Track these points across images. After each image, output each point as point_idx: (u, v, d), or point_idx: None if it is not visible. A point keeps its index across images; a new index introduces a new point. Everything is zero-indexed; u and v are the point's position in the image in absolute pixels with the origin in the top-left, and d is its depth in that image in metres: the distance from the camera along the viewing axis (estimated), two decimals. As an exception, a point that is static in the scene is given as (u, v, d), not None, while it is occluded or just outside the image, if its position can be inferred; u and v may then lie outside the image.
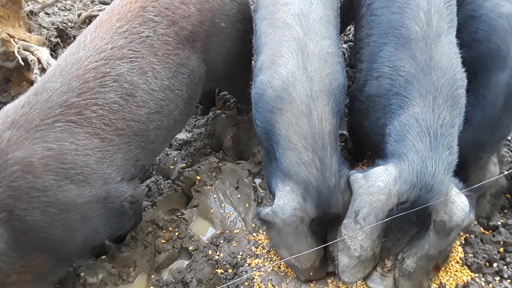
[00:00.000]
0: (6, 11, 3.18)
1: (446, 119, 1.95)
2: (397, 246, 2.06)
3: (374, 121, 2.22)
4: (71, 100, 1.93)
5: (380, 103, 2.16)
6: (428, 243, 1.99)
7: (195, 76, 2.36)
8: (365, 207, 1.97)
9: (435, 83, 1.96)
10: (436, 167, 1.89)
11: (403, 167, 1.92)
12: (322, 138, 2.03)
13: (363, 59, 2.32)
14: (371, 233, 1.99)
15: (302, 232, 2.13)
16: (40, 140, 1.85)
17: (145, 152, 2.21)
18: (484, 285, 2.26)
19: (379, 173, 1.98)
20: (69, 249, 2.10)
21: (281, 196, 2.13)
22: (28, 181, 1.80)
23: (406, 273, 2.07)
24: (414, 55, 2.02)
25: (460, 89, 2.02)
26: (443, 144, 1.92)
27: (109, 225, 2.16)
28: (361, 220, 1.98)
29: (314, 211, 2.09)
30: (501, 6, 2.18)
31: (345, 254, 2.08)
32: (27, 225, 1.84)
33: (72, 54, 2.05)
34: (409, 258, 2.05)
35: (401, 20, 2.08)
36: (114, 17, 2.14)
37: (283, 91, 2.08)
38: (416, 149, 1.92)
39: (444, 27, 2.04)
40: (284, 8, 2.21)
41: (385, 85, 2.12)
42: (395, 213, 1.93)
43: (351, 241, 2.03)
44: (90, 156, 1.96)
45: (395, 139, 2.03)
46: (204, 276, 2.39)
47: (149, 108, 2.14)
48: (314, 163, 2.03)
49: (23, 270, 1.93)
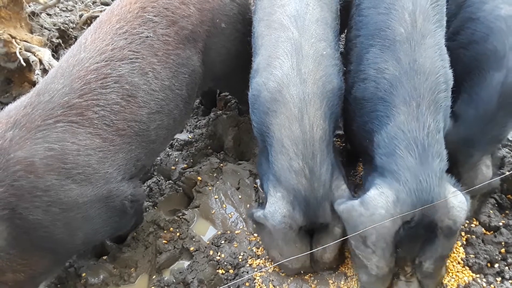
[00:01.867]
0: (7, 12, 3.19)
1: (431, 126, 1.94)
2: (411, 253, 2.08)
3: (362, 125, 2.22)
4: (73, 101, 1.95)
5: (367, 107, 2.15)
6: (440, 246, 2.02)
7: (195, 75, 2.36)
8: (372, 234, 1.98)
9: (417, 88, 1.95)
10: (430, 181, 1.89)
11: (399, 188, 1.93)
12: (313, 145, 2.02)
13: (352, 60, 2.32)
14: (383, 254, 2.01)
15: (291, 238, 2.16)
16: (42, 140, 1.86)
17: (146, 151, 2.22)
18: (485, 285, 2.26)
19: (376, 199, 1.97)
20: (68, 248, 2.11)
21: (272, 202, 2.15)
22: (30, 181, 1.81)
23: (428, 274, 2.10)
24: (398, 57, 2.01)
25: (443, 93, 2.01)
26: (432, 154, 1.92)
27: (109, 224, 2.17)
28: (371, 245, 2.00)
29: (302, 219, 2.10)
30: (499, 8, 2.18)
31: (363, 271, 2.12)
32: (28, 224, 1.85)
33: (73, 55, 2.06)
34: (426, 261, 2.07)
35: (387, 21, 2.07)
36: (113, 18, 2.14)
37: (277, 93, 2.08)
38: (407, 165, 1.92)
39: (430, 28, 2.02)
40: (281, 9, 2.21)
41: (370, 88, 2.11)
42: (403, 232, 1.95)
43: (366, 261, 2.07)
44: (92, 156, 1.97)
45: (384, 153, 2.02)
46: (205, 277, 2.39)
47: (150, 108, 2.15)
48: (303, 171, 2.03)
49: (19, 268, 1.94)
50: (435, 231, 1.98)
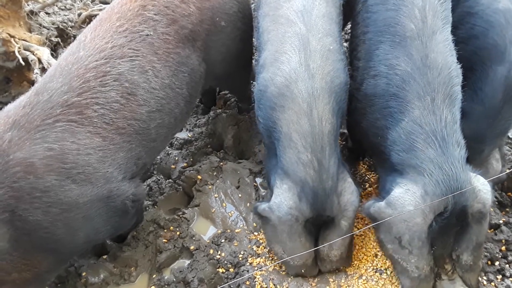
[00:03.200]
0: (6, 11, 3.17)
1: (448, 118, 1.96)
2: (447, 248, 2.08)
3: (372, 122, 2.22)
4: (72, 99, 1.93)
5: (378, 104, 2.15)
6: (475, 234, 2.02)
7: (195, 74, 2.36)
8: (405, 234, 1.99)
9: (431, 83, 1.97)
10: (455, 168, 1.91)
11: (425, 180, 1.93)
12: (322, 139, 2.03)
13: (360, 57, 2.32)
14: (421, 253, 2.02)
15: (296, 231, 2.15)
16: (41, 140, 1.85)
17: (146, 150, 2.21)
18: (486, 283, 2.26)
19: (402, 197, 1.98)
20: (70, 249, 2.10)
21: (278, 194, 2.14)
22: (30, 182, 1.80)
23: (468, 267, 2.09)
24: (410, 53, 2.02)
25: (456, 86, 2.03)
26: (452, 143, 1.94)
27: (110, 224, 2.16)
28: (407, 245, 2.01)
29: (309, 211, 2.10)
30: (497, 2, 2.20)
31: (405, 276, 2.13)
32: (29, 225, 1.84)
33: (72, 53, 2.05)
34: (463, 254, 2.07)
35: (397, 18, 2.08)
36: (114, 16, 2.13)
37: (285, 88, 2.08)
38: (429, 157, 1.94)
39: (439, 24, 2.05)
40: (287, 4, 2.21)
41: (382, 84, 2.12)
42: (436, 226, 1.96)
43: (406, 263, 2.07)
44: (92, 155, 1.96)
45: (402, 149, 2.02)
46: (205, 276, 2.39)
47: (150, 107, 2.14)
48: (312, 164, 2.03)
49: (23, 268, 1.94)
50: (466, 219, 1.98)
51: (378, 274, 2.31)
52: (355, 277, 2.31)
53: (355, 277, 2.31)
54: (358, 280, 2.30)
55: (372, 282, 2.28)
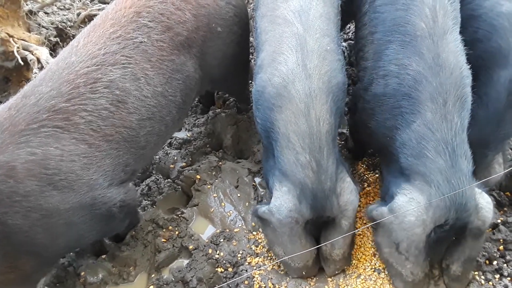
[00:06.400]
0: (5, 10, 3.18)
1: (458, 125, 1.95)
2: (438, 255, 2.10)
3: (382, 122, 2.20)
4: (59, 105, 1.91)
5: (388, 103, 2.14)
6: (469, 248, 2.04)
7: (190, 81, 2.33)
8: (403, 241, 2.00)
9: (443, 84, 1.95)
10: (462, 184, 1.90)
11: (431, 192, 1.93)
12: (320, 139, 2.03)
13: (367, 57, 2.30)
14: (417, 261, 2.03)
15: (296, 233, 2.15)
16: (25, 144, 1.83)
17: (135, 157, 2.18)
18: (484, 283, 2.26)
19: (405, 206, 1.98)
20: (53, 252, 2.09)
21: (278, 196, 2.14)
22: (10, 186, 1.78)
23: (455, 277, 2.13)
24: (421, 52, 2.00)
25: (467, 87, 2.02)
26: (460, 155, 1.93)
27: (95, 230, 2.14)
28: (404, 252, 2.02)
29: (309, 213, 2.10)
30: (500, 5, 2.17)
31: (399, 279, 2.15)
32: (8, 228, 1.82)
33: (64, 58, 2.03)
34: (453, 264, 2.09)
35: (406, 17, 2.06)
36: (108, 22, 2.11)
37: (282, 89, 2.07)
38: (439, 168, 1.92)
39: (449, 24, 2.03)
40: (284, 4, 2.20)
41: (392, 84, 2.10)
42: (433, 235, 1.97)
43: (401, 268, 2.09)
44: (75, 162, 1.93)
45: (412, 154, 2.01)
46: (204, 275, 2.39)
47: (141, 115, 2.11)
48: (310, 165, 2.03)
49: (6, 270, 1.93)
50: (463, 233, 1.99)
51: (376, 274, 2.31)
52: (353, 276, 2.32)
53: (354, 276, 2.32)
54: (356, 280, 2.30)
55: (371, 281, 2.28)
